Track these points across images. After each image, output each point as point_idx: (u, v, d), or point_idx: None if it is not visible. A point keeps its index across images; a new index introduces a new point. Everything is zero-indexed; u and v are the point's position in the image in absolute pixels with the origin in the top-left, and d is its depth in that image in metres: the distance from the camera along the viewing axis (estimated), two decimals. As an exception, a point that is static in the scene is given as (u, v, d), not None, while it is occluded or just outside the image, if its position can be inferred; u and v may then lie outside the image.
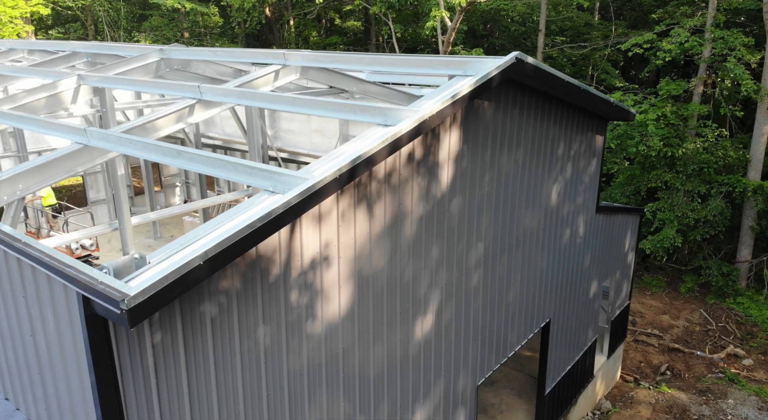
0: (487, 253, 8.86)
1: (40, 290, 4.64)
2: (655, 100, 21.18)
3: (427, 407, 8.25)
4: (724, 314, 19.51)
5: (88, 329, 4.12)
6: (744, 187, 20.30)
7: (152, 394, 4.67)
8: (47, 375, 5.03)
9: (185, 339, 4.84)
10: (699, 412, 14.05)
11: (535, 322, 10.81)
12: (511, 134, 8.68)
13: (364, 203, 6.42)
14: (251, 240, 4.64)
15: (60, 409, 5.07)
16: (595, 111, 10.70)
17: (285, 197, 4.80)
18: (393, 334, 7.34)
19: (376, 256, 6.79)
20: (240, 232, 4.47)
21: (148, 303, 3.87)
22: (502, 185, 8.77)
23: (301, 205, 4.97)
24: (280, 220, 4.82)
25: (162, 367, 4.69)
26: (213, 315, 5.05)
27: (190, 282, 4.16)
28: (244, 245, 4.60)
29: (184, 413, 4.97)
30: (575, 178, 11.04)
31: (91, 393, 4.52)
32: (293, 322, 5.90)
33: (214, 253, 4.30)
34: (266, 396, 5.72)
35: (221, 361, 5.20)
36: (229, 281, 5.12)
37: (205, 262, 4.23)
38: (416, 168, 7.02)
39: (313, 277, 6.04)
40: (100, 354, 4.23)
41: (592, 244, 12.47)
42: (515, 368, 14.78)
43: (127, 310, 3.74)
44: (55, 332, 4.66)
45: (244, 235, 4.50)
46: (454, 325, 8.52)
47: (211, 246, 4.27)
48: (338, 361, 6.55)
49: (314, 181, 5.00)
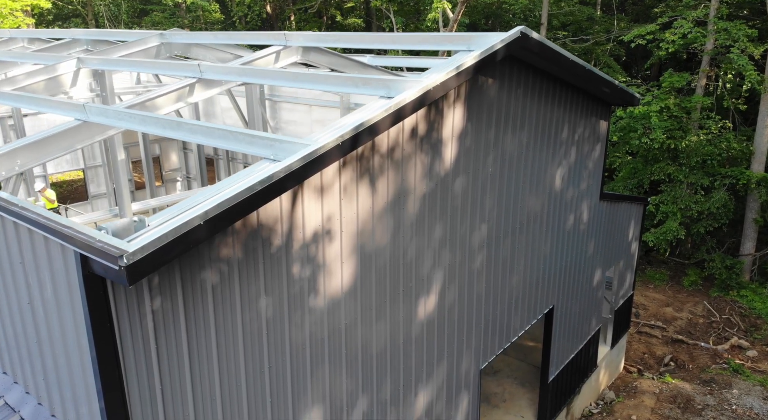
0: (491, 235, 8.77)
1: (37, 254, 4.55)
2: (658, 92, 21.07)
3: (430, 389, 8.15)
4: (727, 306, 19.40)
5: (86, 290, 4.03)
6: (747, 180, 20.19)
7: (152, 361, 4.59)
8: (45, 345, 4.94)
9: (186, 306, 4.75)
10: (703, 402, 13.95)
11: (538, 309, 10.72)
12: (516, 114, 8.59)
13: (366, 177, 6.33)
14: (252, 203, 4.55)
15: (59, 380, 4.99)
16: (599, 94, 10.61)
17: (286, 162, 4.71)
18: (396, 312, 7.25)
19: (378, 232, 6.70)
20: (241, 194, 4.38)
21: (147, 261, 3.78)
22: (506, 166, 8.68)
23: (302, 170, 4.88)
24: (281, 185, 4.73)
25: (162, 333, 4.61)
26: (214, 283, 4.96)
27: (190, 242, 4.07)
28: (245, 208, 4.52)
29: (185, 381, 4.88)
30: (579, 164, 10.95)
31: (89, 360, 4.44)
32: (295, 295, 5.81)
33: (215, 213, 4.21)
34: (268, 368, 5.63)
35: (222, 330, 5.11)
36: (230, 249, 5.03)
37: (205, 222, 4.14)
38: (419, 144, 6.93)
39: (316, 251, 5.95)
40: (99, 317, 4.14)
41: (596, 232, 12.37)
42: (518, 358, 14.69)
43: (126, 266, 3.66)
44: (53, 298, 4.57)
45: (245, 198, 4.42)
46: (457, 308, 8.42)
47: (211, 206, 4.18)
48: (341, 337, 6.46)
49: (316, 146, 4.91)
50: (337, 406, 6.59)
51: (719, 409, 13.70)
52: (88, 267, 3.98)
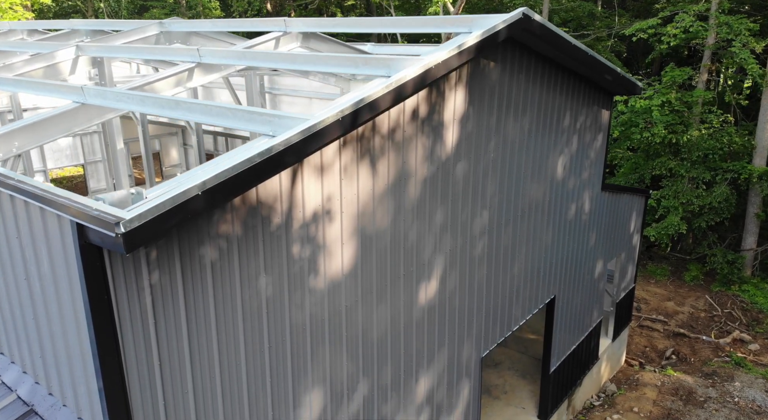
0: (492, 222, 8.71)
1: (33, 227, 4.49)
2: (659, 86, 20.99)
3: (431, 375, 8.09)
4: (729, 301, 19.33)
5: (83, 261, 3.97)
6: (749, 174, 20.11)
7: (150, 336, 4.52)
8: (43, 322, 4.88)
9: (184, 281, 4.69)
10: (705, 394, 13.88)
11: (539, 298, 10.65)
12: (517, 100, 8.53)
13: (367, 158, 6.27)
14: (251, 178, 4.49)
15: (56, 358, 4.92)
16: (601, 82, 10.54)
17: (285, 135, 4.65)
18: (396, 297, 7.19)
19: (379, 214, 6.64)
20: (239, 166, 4.32)
21: (144, 229, 3.72)
22: (507, 152, 8.62)
23: (302, 145, 4.81)
24: (280, 159, 4.67)
25: (161, 308, 4.55)
26: (213, 259, 4.90)
27: (188, 212, 4.01)
28: (244, 182, 4.45)
29: (184, 358, 4.82)
30: (581, 152, 10.89)
31: (87, 335, 4.38)
32: (295, 275, 5.75)
33: (213, 184, 4.15)
34: (268, 347, 5.56)
35: (222, 307, 5.05)
36: (229, 226, 4.97)
37: (203, 192, 4.08)
38: (421, 126, 6.86)
39: (316, 231, 5.89)
40: (96, 290, 4.08)
41: (598, 223, 12.31)
42: (519, 350, 14.63)
43: (123, 233, 3.60)
44: (50, 273, 4.51)
45: (243, 169, 4.36)
46: (458, 294, 8.36)
47: (209, 177, 4.12)
48: (341, 319, 6.40)
49: (316, 121, 4.85)
50: (337, 388, 6.52)
51: (721, 401, 13.63)
52: (84, 236, 3.92)
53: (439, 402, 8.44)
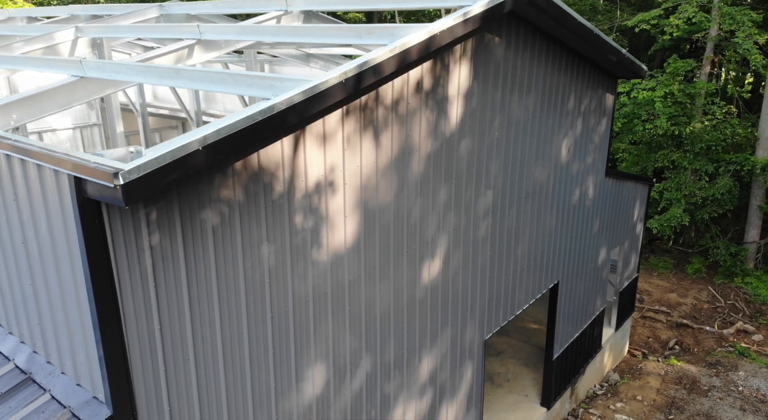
0: (496, 202, 8.61)
1: (30, 186, 4.39)
2: (662, 78, 20.89)
3: (434, 355, 7.99)
4: (732, 293, 19.24)
5: (81, 217, 3.87)
6: (752, 166, 20.01)
7: (151, 299, 4.43)
8: (40, 288, 4.78)
9: (185, 245, 4.59)
10: (709, 384, 13.78)
11: (543, 283, 10.55)
12: (522, 78, 8.43)
13: (370, 130, 6.17)
14: (252, 135, 4.39)
15: (54, 326, 4.82)
16: (606, 64, 10.44)
17: (288, 94, 4.55)
18: (399, 273, 7.09)
19: (382, 189, 6.54)
20: (240, 123, 4.23)
21: (144, 181, 3.63)
22: (512, 132, 8.52)
23: (304, 106, 4.71)
24: (282, 119, 4.57)
25: (161, 271, 4.45)
26: (214, 224, 4.80)
27: (188, 167, 3.91)
28: (245, 139, 4.35)
29: (185, 323, 4.72)
30: (585, 136, 10.79)
31: (86, 297, 4.28)
32: (298, 246, 5.65)
33: (213, 139, 4.05)
34: (270, 318, 5.47)
35: (224, 274, 4.95)
36: (231, 191, 4.87)
37: (204, 148, 3.98)
38: (425, 99, 6.76)
39: (318, 202, 5.79)
40: (95, 248, 3.98)
41: (601, 209, 12.21)
42: (521, 340, 14.54)
43: (122, 185, 3.50)
44: (48, 234, 4.41)
45: (244, 126, 4.25)
46: (462, 274, 8.26)
47: (210, 132, 4.02)
48: (344, 293, 6.30)
49: (318, 81, 4.75)
50: (340, 364, 6.43)
51: (726, 390, 13.53)
52: (82, 191, 3.82)
53: (443, 383, 8.34)
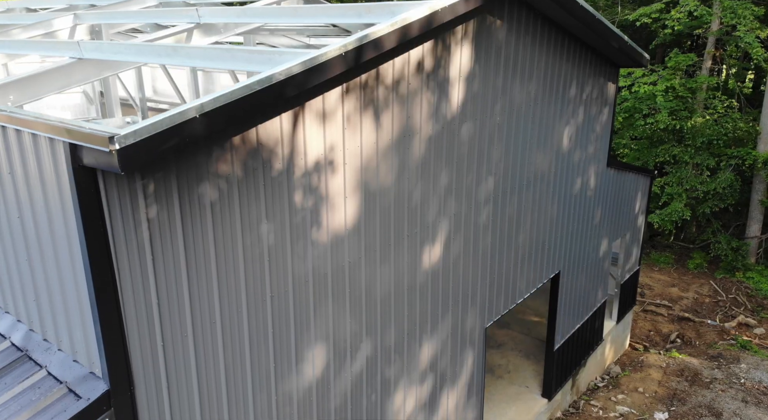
0: (498, 189, 8.55)
1: (25, 158, 4.33)
2: (663, 72, 20.82)
3: (434, 341, 7.93)
4: (734, 287, 19.17)
5: (77, 186, 3.81)
6: (754, 160, 19.94)
7: (148, 273, 4.37)
8: (37, 263, 4.72)
9: (183, 219, 4.53)
10: (711, 376, 13.72)
11: (544, 272, 10.49)
12: (524, 63, 8.37)
13: (371, 109, 6.11)
14: (250, 106, 4.32)
15: (51, 303, 4.76)
16: (608, 52, 10.38)
17: (287, 65, 4.48)
18: (400, 257, 7.03)
19: (383, 170, 6.48)
20: (238, 92, 4.16)
21: (140, 147, 3.56)
22: (513, 117, 8.46)
23: (303, 78, 4.65)
24: (280, 90, 4.50)
25: (159, 244, 4.39)
26: (213, 199, 4.74)
27: (186, 135, 3.85)
28: (243, 110, 4.29)
29: (183, 299, 4.66)
30: (587, 125, 10.73)
31: (82, 270, 4.21)
32: (298, 225, 5.59)
33: (210, 107, 3.99)
34: (270, 297, 5.40)
35: (222, 251, 4.89)
36: (229, 166, 4.81)
37: (201, 115, 3.92)
38: (426, 80, 6.70)
39: (318, 181, 5.73)
40: (91, 216, 3.92)
41: (603, 200, 12.15)
42: (522, 332, 14.48)
43: (118, 150, 3.43)
44: (44, 206, 4.35)
45: (242, 96, 4.19)
46: (462, 261, 8.20)
47: (207, 100, 3.96)
48: (344, 275, 6.24)
49: (318, 53, 4.69)
50: (340, 346, 6.36)
51: (727, 382, 13.47)
52: (77, 159, 3.76)
53: (443, 370, 8.27)
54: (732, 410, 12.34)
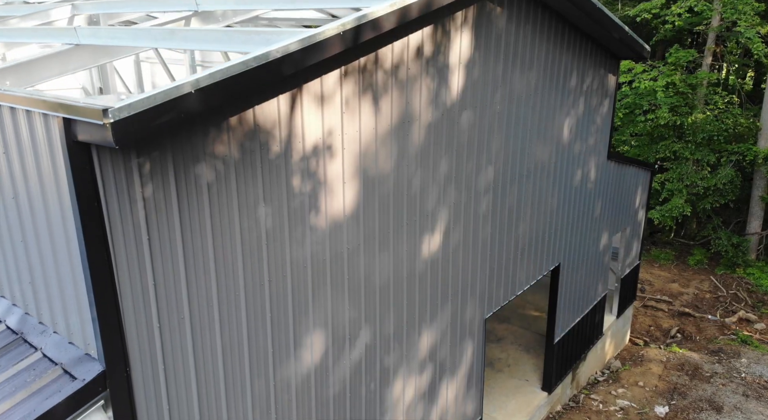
0: (497, 179, 8.50)
1: (20, 136, 4.28)
2: (663, 68, 20.77)
3: (434, 331, 7.88)
4: (734, 282, 19.12)
5: (71, 162, 3.76)
6: (754, 156, 19.89)
7: (144, 253, 4.32)
8: (32, 243, 4.67)
9: (179, 199, 4.48)
10: (712, 370, 13.67)
11: (544, 264, 10.44)
12: (524, 52, 8.32)
13: (369, 94, 6.06)
14: (246, 83, 4.27)
15: (46, 282, 4.71)
16: (609, 43, 10.33)
17: (284, 42, 4.43)
18: (399, 245, 6.98)
19: (382, 157, 6.43)
20: (234, 68, 4.11)
21: (134, 120, 3.51)
22: (513, 106, 8.41)
23: (300, 56, 4.60)
24: (277, 68, 4.45)
25: (154, 224, 4.34)
26: (209, 180, 4.69)
27: (181, 110, 3.80)
28: (239, 87, 4.24)
29: (180, 280, 4.61)
30: (587, 117, 10.68)
31: (77, 248, 4.16)
32: (296, 210, 5.54)
33: (206, 83, 3.94)
34: (268, 281, 5.35)
35: (219, 233, 4.84)
36: (226, 147, 4.76)
37: (196, 91, 3.87)
38: (425, 66, 6.65)
39: (316, 166, 5.68)
40: (86, 193, 3.87)
41: (603, 193, 12.10)
42: (522, 326, 14.43)
43: (112, 123, 3.39)
44: (39, 185, 4.30)
45: (239, 72, 4.14)
46: (462, 250, 8.15)
47: (203, 75, 3.91)
48: (343, 262, 6.19)
49: (316, 31, 4.64)
50: (339, 333, 6.31)
51: (728, 376, 13.42)
52: (72, 134, 3.71)
53: (443, 360, 8.22)
54: (733, 404, 12.29)
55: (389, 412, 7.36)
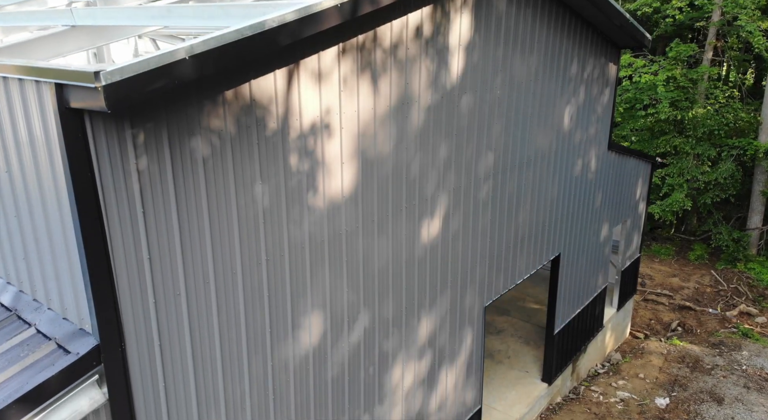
0: (497, 165, 8.43)
1: (12, 106, 4.21)
2: (664, 62, 20.71)
3: (433, 317, 7.82)
4: (735, 277, 19.06)
5: (63, 130, 3.70)
6: (755, 150, 19.82)
7: (139, 226, 4.25)
8: (25, 218, 4.60)
9: (174, 173, 4.42)
10: (713, 362, 13.61)
11: (545, 253, 10.38)
12: (524, 37, 8.26)
13: (368, 73, 6.00)
14: (242, 52, 4.21)
15: (40, 257, 4.65)
16: (610, 31, 10.26)
17: (280, 12, 4.37)
18: (398, 229, 6.91)
19: (381, 138, 6.37)
20: (229, 35, 4.04)
21: (126, 84, 3.45)
22: (514, 92, 8.35)
23: (296, 26, 4.53)
24: (273, 38, 4.38)
25: (149, 197, 4.27)
26: (205, 155, 4.63)
27: (174, 76, 3.73)
28: (234, 57, 4.17)
29: (175, 255, 4.55)
30: (588, 106, 10.61)
31: (71, 221, 4.09)
32: (293, 189, 5.48)
33: (201, 50, 3.87)
34: (265, 260, 5.29)
35: (215, 209, 4.78)
36: (222, 121, 4.70)
37: (190, 57, 3.80)
38: (425, 46, 6.59)
39: (314, 145, 5.62)
40: (78, 162, 3.81)
41: (603, 184, 12.04)
42: (522, 319, 14.37)
43: (104, 86, 3.32)
44: (32, 157, 4.23)
45: (233, 40, 4.07)
46: (462, 237, 8.09)
47: (197, 42, 3.85)
48: (341, 244, 6.12)
49: (312, 2, 4.57)
50: (338, 315, 6.25)
51: (729, 368, 13.36)
52: (64, 100, 3.65)
53: (442, 347, 8.16)
54: (734, 396, 12.23)
55: (388, 398, 7.30)
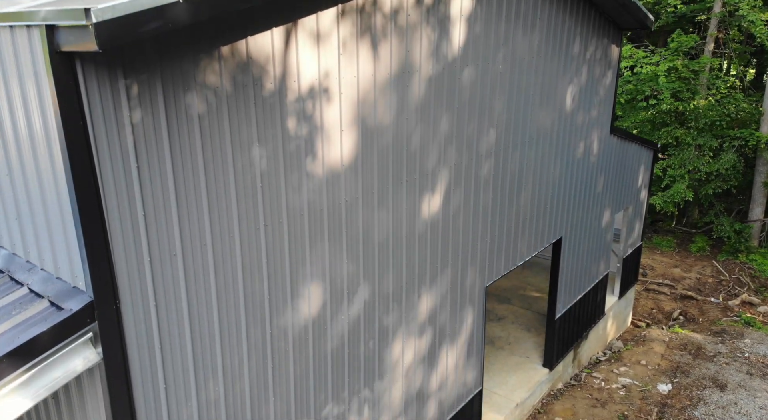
0: (499, 142, 8.33)
1: (4, 59, 4.10)
2: (666, 53, 20.61)
3: (434, 294, 7.71)
4: (737, 267, 18.97)
5: (54, 75, 3.59)
6: (757, 141, 19.73)
7: (133, 181, 4.15)
8: (17, 176, 4.49)
9: (169, 129, 4.31)
10: (715, 350, 13.51)
11: (546, 236, 10.28)
12: (527, 11, 8.16)
13: (368, 38, 5.89)
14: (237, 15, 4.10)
15: (33, 216, 4.54)
16: (612, 11, 10.16)
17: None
18: (399, 202, 6.81)
19: (381, 107, 6.26)
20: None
21: (118, 23, 3.34)
22: (516, 68, 8.24)
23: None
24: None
25: (144, 152, 4.17)
26: (201, 112, 4.52)
27: (168, 18, 3.61)
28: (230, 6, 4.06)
29: (171, 214, 4.44)
30: (590, 87, 10.51)
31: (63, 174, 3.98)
32: (291, 154, 5.37)
33: (198, -6, 3.77)
34: (264, 226, 5.19)
35: (212, 169, 4.67)
36: (218, 77, 4.59)
37: (185, 1, 3.69)
38: (426, 15, 6.49)
39: (312, 109, 5.51)
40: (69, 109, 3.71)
41: (606, 168, 11.94)
42: (523, 307, 14.27)
43: (95, 23, 3.21)
44: (23, 110, 4.12)
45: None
46: (463, 214, 7.98)
47: (194, -14, 3.74)
48: (341, 214, 6.02)
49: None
50: (337, 286, 6.14)
51: (731, 356, 13.25)
52: (54, 44, 3.54)
53: (442, 325, 8.06)
54: (737, 382, 12.12)
55: (388, 373, 7.20)
